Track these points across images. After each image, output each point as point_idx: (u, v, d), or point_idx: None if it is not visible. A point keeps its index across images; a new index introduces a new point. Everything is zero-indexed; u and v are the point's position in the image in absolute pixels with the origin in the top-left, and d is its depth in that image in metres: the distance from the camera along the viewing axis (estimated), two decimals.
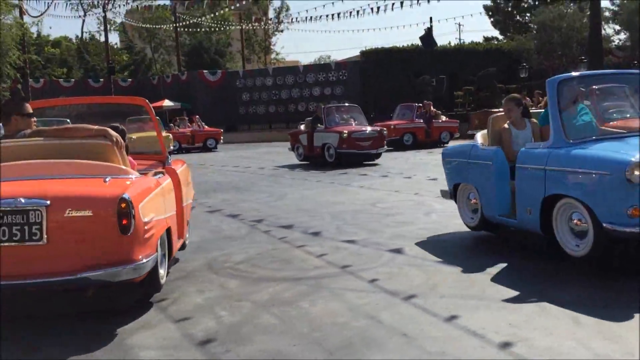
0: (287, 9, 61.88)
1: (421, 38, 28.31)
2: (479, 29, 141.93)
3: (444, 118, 22.20)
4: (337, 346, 3.44)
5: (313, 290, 4.56)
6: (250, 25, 51.75)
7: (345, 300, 4.32)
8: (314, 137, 16.16)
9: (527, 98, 25.47)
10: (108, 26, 43.47)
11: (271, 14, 62.57)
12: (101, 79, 41.91)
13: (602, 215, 4.49)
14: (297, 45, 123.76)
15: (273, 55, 65.08)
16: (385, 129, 17.13)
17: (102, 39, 59.56)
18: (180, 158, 6.46)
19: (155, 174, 4.98)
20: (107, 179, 4.09)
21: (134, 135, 9.51)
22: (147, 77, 46.59)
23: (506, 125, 5.97)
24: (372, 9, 33.02)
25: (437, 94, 26.58)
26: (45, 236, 3.73)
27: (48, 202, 3.74)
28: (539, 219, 5.08)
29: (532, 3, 51.12)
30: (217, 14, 49.27)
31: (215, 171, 15.98)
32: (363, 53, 37.73)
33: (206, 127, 28.53)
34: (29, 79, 37.07)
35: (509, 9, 52.96)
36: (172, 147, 22.70)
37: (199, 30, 49.90)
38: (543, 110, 6.09)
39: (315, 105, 26.07)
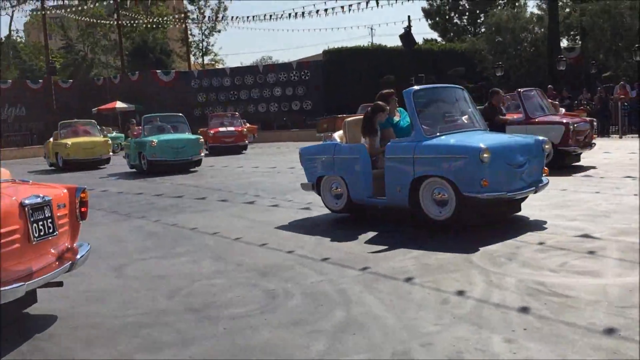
0: (225, 9, 60.44)
1: (401, 37, 28.20)
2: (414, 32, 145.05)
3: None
4: None
5: None
6: (194, 22, 50.14)
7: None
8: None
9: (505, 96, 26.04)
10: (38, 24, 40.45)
11: (208, 13, 60.83)
12: (40, 80, 39.07)
13: (462, 187, 6.16)
14: (236, 45, 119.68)
15: (211, 57, 63.35)
16: None
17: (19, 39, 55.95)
18: None
19: None
20: None
21: None
22: (91, 78, 43.95)
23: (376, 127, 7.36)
24: (317, 11, 32.32)
25: None
26: None
27: None
28: (407, 196, 6.59)
29: (469, 7, 52.49)
30: (155, 12, 47.44)
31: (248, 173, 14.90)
32: (325, 53, 37.24)
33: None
34: None
35: (447, 13, 54.07)
36: (111, 154, 20.38)
37: (136, 29, 47.81)
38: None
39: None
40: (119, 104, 35.02)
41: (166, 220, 8.29)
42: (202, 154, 16.86)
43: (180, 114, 18.80)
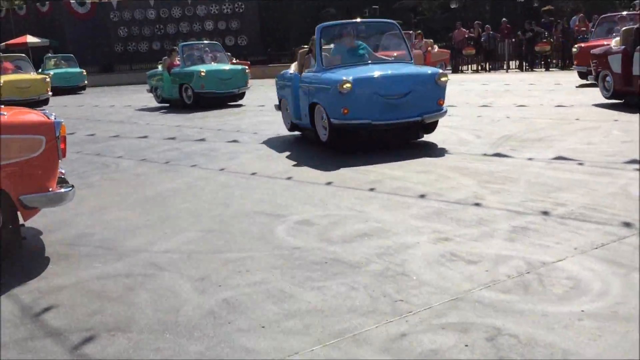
0: None
1: None
2: None
3: (436, 48, 21.08)
4: None
5: None
6: None
7: None
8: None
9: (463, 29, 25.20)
10: None
11: None
12: None
13: (330, 114, 7.06)
14: None
15: None
16: None
17: None
18: None
19: None
20: None
21: None
22: None
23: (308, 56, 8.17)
24: None
25: None
26: None
27: None
28: (309, 119, 7.67)
29: None
30: None
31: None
32: None
33: None
34: None
35: None
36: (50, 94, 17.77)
37: None
38: None
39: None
40: (30, 39, 31.14)
41: (236, 169, 6.73)
42: (249, 85, 15.23)
43: (217, 42, 17.11)
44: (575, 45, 14.31)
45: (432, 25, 34.19)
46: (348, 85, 6.75)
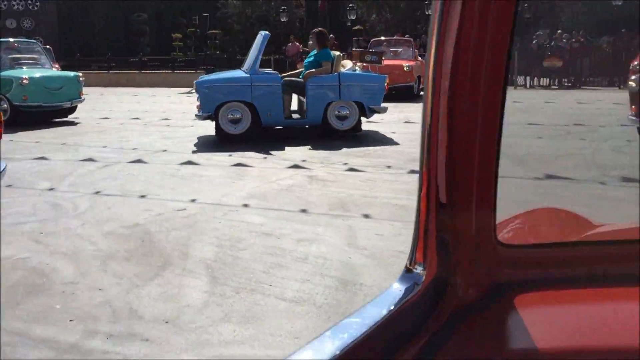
0: None
1: None
2: None
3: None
4: None
5: None
6: None
7: None
8: None
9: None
10: None
11: None
12: None
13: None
14: None
15: None
16: None
17: None
18: None
19: None
20: None
21: None
22: None
23: None
24: None
25: (200, 34, 23.50)
26: None
27: None
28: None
29: None
30: None
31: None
32: None
33: None
34: None
35: None
36: None
37: None
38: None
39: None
40: None
41: (292, 209, 5.27)
42: (83, 97, 12.21)
43: (35, 40, 13.54)
44: None
45: (243, 37, 33.53)
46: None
